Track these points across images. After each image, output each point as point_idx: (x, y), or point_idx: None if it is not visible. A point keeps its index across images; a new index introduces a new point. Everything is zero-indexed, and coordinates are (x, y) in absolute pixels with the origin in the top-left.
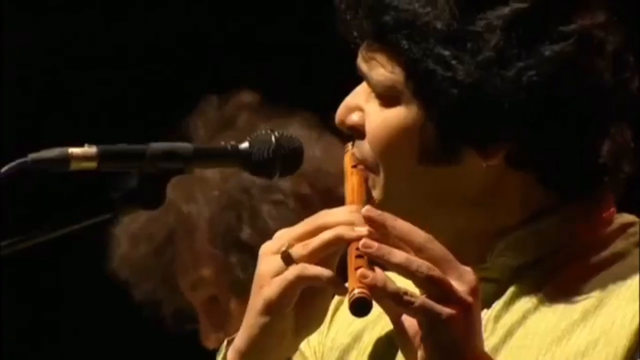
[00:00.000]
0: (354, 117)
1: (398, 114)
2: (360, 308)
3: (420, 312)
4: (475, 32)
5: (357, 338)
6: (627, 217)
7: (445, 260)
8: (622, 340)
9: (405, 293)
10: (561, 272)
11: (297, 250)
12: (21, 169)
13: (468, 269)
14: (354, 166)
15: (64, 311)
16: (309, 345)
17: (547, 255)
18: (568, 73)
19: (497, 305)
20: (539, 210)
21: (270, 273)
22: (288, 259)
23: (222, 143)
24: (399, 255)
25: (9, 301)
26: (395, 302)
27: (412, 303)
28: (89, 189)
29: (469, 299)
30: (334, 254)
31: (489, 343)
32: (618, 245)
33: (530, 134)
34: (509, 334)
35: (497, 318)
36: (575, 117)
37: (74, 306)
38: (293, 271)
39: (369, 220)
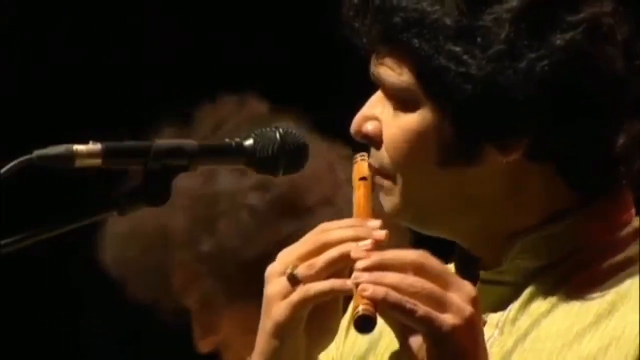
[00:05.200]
0: (369, 127)
1: (414, 119)
2: (363, 325)
3: (424, 322)
4: (485, 27)
5: (373, 344)
6: None
7: (442, 274)
8: (632, 346)
9: (408, 302)
10: (576, 275)
11: (303, 271)
12: (26, 165)
13: (466, 282)
14: (361, 178)
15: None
16: (327, 352)
17: (563, 257)
18: (580, 61)
19: (514, 307)
20: (557, 211)
21: (277, 296)
22: (294, 280)
23: (227, 140)
24: (391, 276)
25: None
26: (398, 312)
27: (415, 312)
28: (94, 185)
29: (470, 309)
30: (341, 269)
31: (504, 346)
32: (633, 249)
33: (547, 126)
34: (522, 336)
35: (513, 321)
36: (590, 106)
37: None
38: (298, 294)
39: (365, 270)
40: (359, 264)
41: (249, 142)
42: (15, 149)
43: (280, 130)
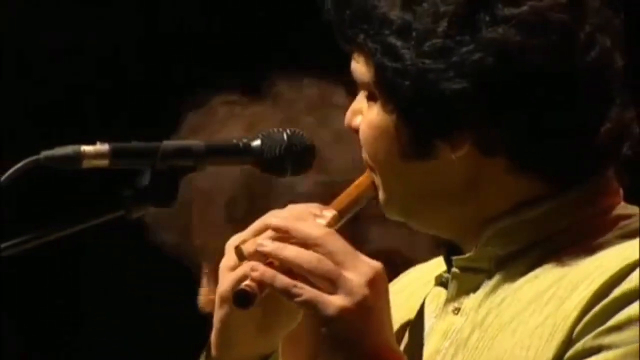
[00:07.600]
0: (357, 121)
1: (375, 114)
2: (240, 300)
3: (307, 306)
4: (423, 22)
5: None
6: (628, 209)
7: (343, 252)
8: (560, 333)
9: (295, 286)
10: (543, 262)
11: (246, 247)
12: (33, 166)
13: (369, 261)
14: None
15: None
16: None
17: (535, 244)
18: (517, 55)
19: (481, 294)
20: (529, 199)
21: (226, 267)
22: (240, 254)
23: (234, 140)
24: (290, 250)
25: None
26: (284, 297)
27: (299, 296)
28: (101, 186)
29: (363, 290)
30: None
31: (463, 332)
32: (606, 237)
33: (487, 120)
34: (480, 322)
35: (478, 307)
36: (535, 99)
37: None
38: (241, 269)
39: (274, 229)
40: (271, 221)
41: (256, 142)
42: (22, 149)
43: (288, 131)
